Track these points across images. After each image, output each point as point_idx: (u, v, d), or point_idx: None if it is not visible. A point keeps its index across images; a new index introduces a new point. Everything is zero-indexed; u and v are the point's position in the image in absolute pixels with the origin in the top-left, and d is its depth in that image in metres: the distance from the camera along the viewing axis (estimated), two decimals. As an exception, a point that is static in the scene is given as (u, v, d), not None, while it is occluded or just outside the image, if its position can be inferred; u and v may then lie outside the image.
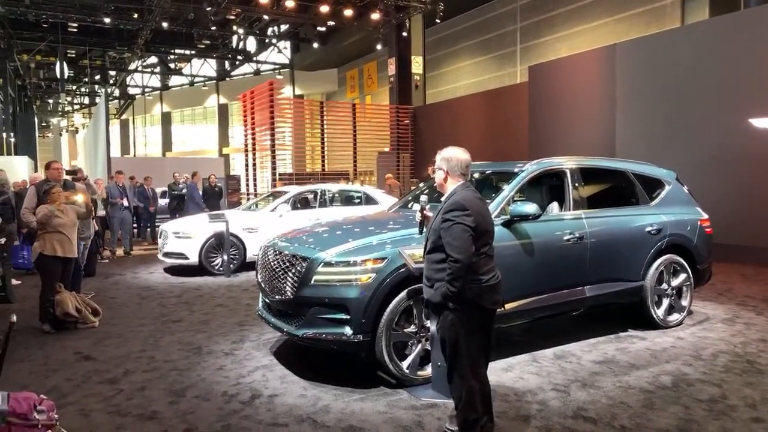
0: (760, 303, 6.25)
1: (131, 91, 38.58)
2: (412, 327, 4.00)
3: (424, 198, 3.46)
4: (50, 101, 41.48)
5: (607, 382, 3.99)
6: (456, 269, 2.82)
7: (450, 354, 3.00)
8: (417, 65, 18.60)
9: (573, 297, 4.73)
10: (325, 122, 17.33)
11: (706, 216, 5.72)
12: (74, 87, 35.33)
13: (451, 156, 3.11)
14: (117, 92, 37.24)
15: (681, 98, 9.70)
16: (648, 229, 5.19)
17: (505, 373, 4.19)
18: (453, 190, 3.05)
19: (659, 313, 5.27)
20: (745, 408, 3.52)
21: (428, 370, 3.89)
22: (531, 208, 4.32)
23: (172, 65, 34.85)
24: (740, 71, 8.90)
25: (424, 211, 3.36)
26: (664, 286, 5.31)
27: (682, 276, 5.42)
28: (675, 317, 5.38)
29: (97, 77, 34.08)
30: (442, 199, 3.11)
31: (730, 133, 9.03)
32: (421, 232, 3.46)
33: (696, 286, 5.63)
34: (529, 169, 4.82)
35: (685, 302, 5.46)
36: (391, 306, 3.88)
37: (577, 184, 4.98)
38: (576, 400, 3.67)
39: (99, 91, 33.79)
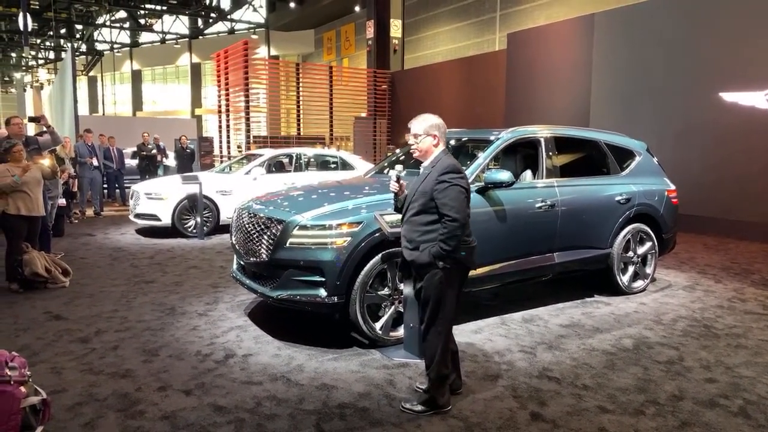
0: (720, 272, 6.51)
1: (99, 46, 37.06)
2: (386, 290, 4.07)
3: (399, 167, 3.44)
4: (13, 55, 39.66)
5: (571, 344, 4.14)
6: (453, 228, 2.91)
7: (431, 311, 3.07)
8: (396, 29, 18.30)
9: (543, 263, 4.86)
10: (300, 85, 17.03)
11: (673, 187, 5.88)
12: (38, 41, 33.80)
13: (440, 123, 3.16)
14: (84, 47, 35.78)
15: (655, 70, 9.81)
16: (617, 198, 5.32)
17: (474, 334, 4.31)
18: (438, 156, 3.11)
19: (624, 279, 5.45)
20: (700, 369, 3.71)
21: (400, 331, 3.98)
22: (505, 175, 4.37)
23: (142, 21, 33.51)
24: (714, 45, 9.02)
25: (401, 181, 3.32)
26: (630, 254, 5.48)
27: (648, 244, 5.60)
28: (639, 284, 5.58)
29: (63, 31, 32.64)
30: (426, 164, 3.14)
31: (701, 107, 9.21)
32: (396, 201, 3.41)
33: (660, 254, 5.82)
34: (505, 137, 4.86)
35: (649, 270, 5.66)
36: (365, 269, 3.92)
37: (550, 153, 5.05)
38: (542, 361, 3.81)
39: (65, 45, 32.42)
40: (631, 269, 5.51)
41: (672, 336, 4.34)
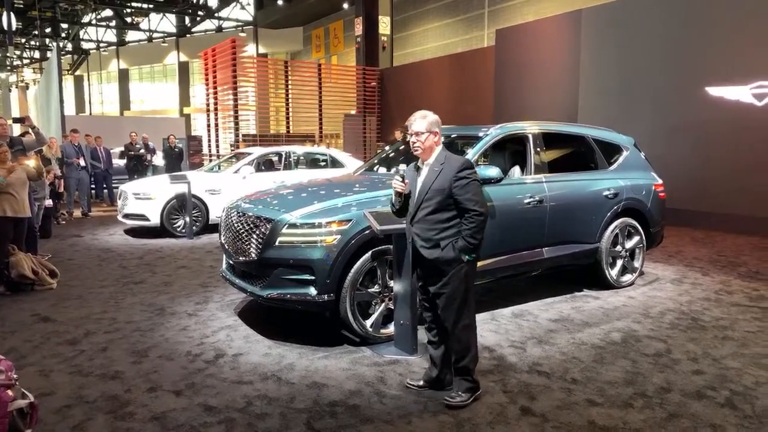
0: (707, 264, 6.58)
1: (85, 45, 36.70)
2: (376, 287, 4.07)
3: (402, 166, 3.39)
4: (-3, 54, 39.17)
5: (561, 339, 4.17)
6: (480, 222, 3.00)
7: (460, 305, 3.11)
8: (384, 26, 18.25)
9: (532, 258, 4.88)
10: (289, 83, 16.95)
11: (660, 181, 5.93)
12: (23, 40, 33.43)
13: (438, 120, 3.19)
14: (70, 47, 35.42)
15: (642, 65, 9.87)
16: (605, 193, 5.36)
17: (465, 331, 4.32)
18: (442, 152, 3.17)
19: (613, 273, 5.49)
20: (687, 361, 3.74)
21: (391, 329, 4.00)
22: (493, 171, 4.39)
23: (128, 19, 33.21)
24: (700, 40, 9.10)
25: (405, 180, 3.22)
26: (619, 248, 5.53)
27: (636, 238, 5.64)
28: (627, 278, 5.62)
29: (48, 30, 32.27)
30: (430, 162, 3.15)
31: (687, 102, 9.29)
32: (400, 203, 3.28)
33: (648, 248, 5.88)
34: (493, 133, 4.88)
35: (637, 263, 5.71)
36: (355, 267, 3.92)
37: (538, 149, 5.08)
38: (531, 356, 3.83)
39: (50, 44, 32.08)
40: (619, 263, 5.56)
41: (660, 329, 4.38)
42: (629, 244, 5.61)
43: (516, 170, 5.06)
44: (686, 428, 2.88)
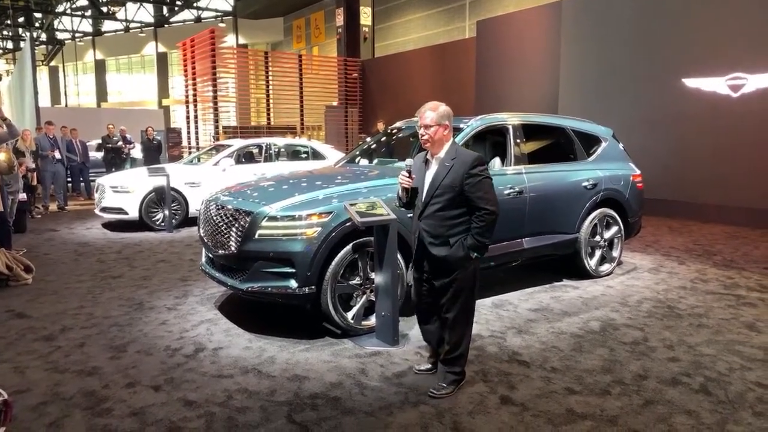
0: (683, 254, 6.70)
1: (60, 35, 35.90)
2: (357, 279, 4.07)
3: (409, 160, 3.28)
4: (-32, 45, 38.16)
5: (540, 328, 4.21)
6: (491, 221, 2.97)
7: (464, 302, 3.12)
8: (366, 16, 18.14)
9: (512, 249, 4.92)
10: (270, 74, 16.77)
11: (638, 172, 6.00)
12: (-6, 29, 32.60)
13: (450, 111, 3.09)
14: (44, 36, 34.61)
15: (621, 57, 9.96)
16: (584, 184, 5.41)
17: (446, 322, 4.34)
18: (452, 147, 3.10)
19: (592, 263, 5.56)
20: (663, 349, 3.81)
21: (372, 320, 4.00)
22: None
23: (104, 9, 32.52)
24: (678, 33, 9.20)
25: (412, 175, 3.18)
26: (597, 238, 5.59)
27: (614, 228, 5.71)
28: (606, 267, 5.69)
29: (21, 19, 31.49)
30: (441, 156, 3.08)
31: (664, 93, 9.40)
32: (407, 197, 3.23)
33: (626, 238, 5.95)
34: (473, 124, 4.89)
35: (615, 253, 5.78)
36: (336, 259, 3.91)
37: (518, 140, 5.10)
38: (511, 346, 3.87)
39: (23, 34, 31.32)
40: (598, 253, 5.63)
41: (637, 317, 4.45)
42: (608, 234, 5.68)
43: (496, 161, 5.08)
44: (662, 414, 2.94)
